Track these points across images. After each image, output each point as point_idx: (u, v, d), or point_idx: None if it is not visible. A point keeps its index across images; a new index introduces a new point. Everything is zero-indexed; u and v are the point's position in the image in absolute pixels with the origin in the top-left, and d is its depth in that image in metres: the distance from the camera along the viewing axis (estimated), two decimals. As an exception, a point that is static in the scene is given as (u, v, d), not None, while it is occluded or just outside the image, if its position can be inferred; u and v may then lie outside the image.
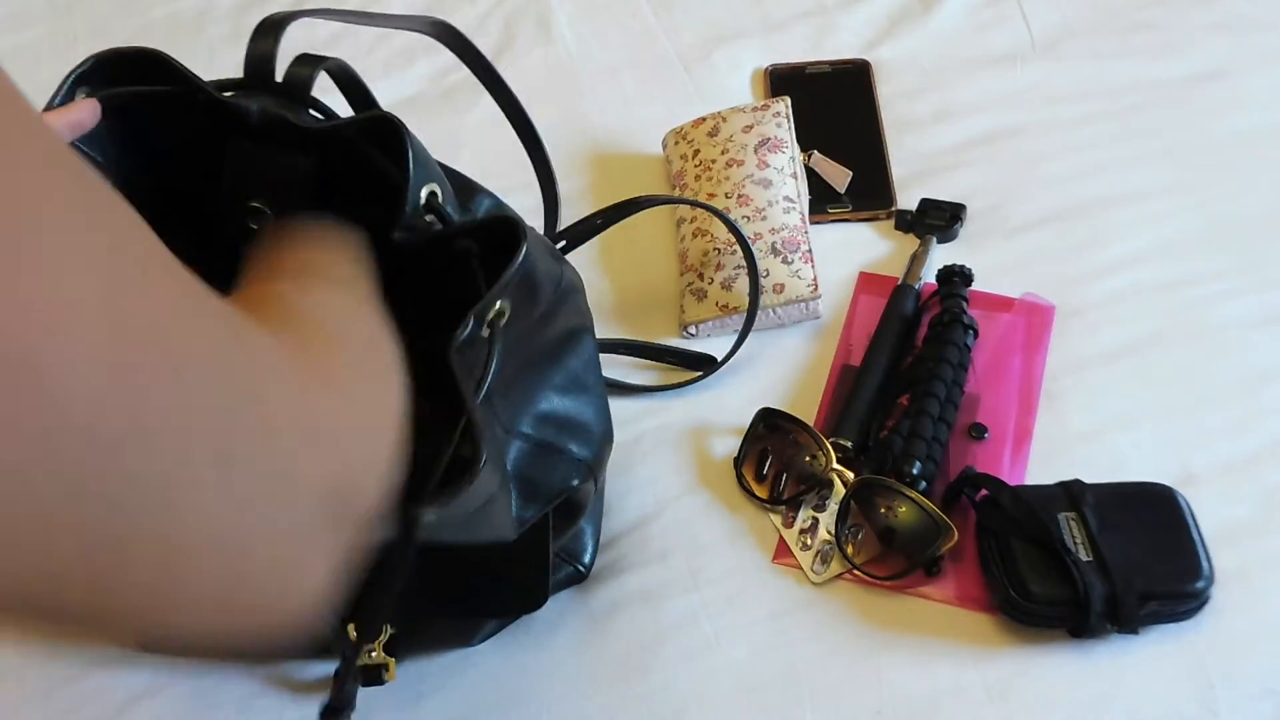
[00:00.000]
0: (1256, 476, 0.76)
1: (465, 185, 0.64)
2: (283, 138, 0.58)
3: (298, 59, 0.60)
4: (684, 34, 1.07)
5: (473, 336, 0.54)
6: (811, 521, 0.76)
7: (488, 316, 0.54)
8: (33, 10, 1.13)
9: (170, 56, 0.58)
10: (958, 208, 0.91)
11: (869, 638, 0.71)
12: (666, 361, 0.84)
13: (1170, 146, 0.95)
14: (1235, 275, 0.87)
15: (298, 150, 0.59)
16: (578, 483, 0.66)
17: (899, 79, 1.02)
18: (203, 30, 1.09)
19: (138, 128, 0.58)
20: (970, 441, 0.79)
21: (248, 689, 0.71)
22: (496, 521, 0.62)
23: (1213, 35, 1.03)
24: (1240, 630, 0.70)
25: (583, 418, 0.67)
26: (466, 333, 0.53)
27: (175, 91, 0.58)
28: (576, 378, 0.67)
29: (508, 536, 0.64)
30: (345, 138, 0.58)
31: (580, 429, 0.67)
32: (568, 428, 0.66)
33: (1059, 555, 0.69)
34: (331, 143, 0.58)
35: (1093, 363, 0.83)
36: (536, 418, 0.64)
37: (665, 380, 0.84)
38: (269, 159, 0.59)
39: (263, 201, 0.59)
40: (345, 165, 0.58)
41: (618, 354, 0.84)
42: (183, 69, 0.58)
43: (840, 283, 0.89)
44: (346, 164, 0.58)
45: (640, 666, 0.71)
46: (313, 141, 0.58)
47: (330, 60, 0.61)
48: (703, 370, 0.83)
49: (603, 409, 0.69)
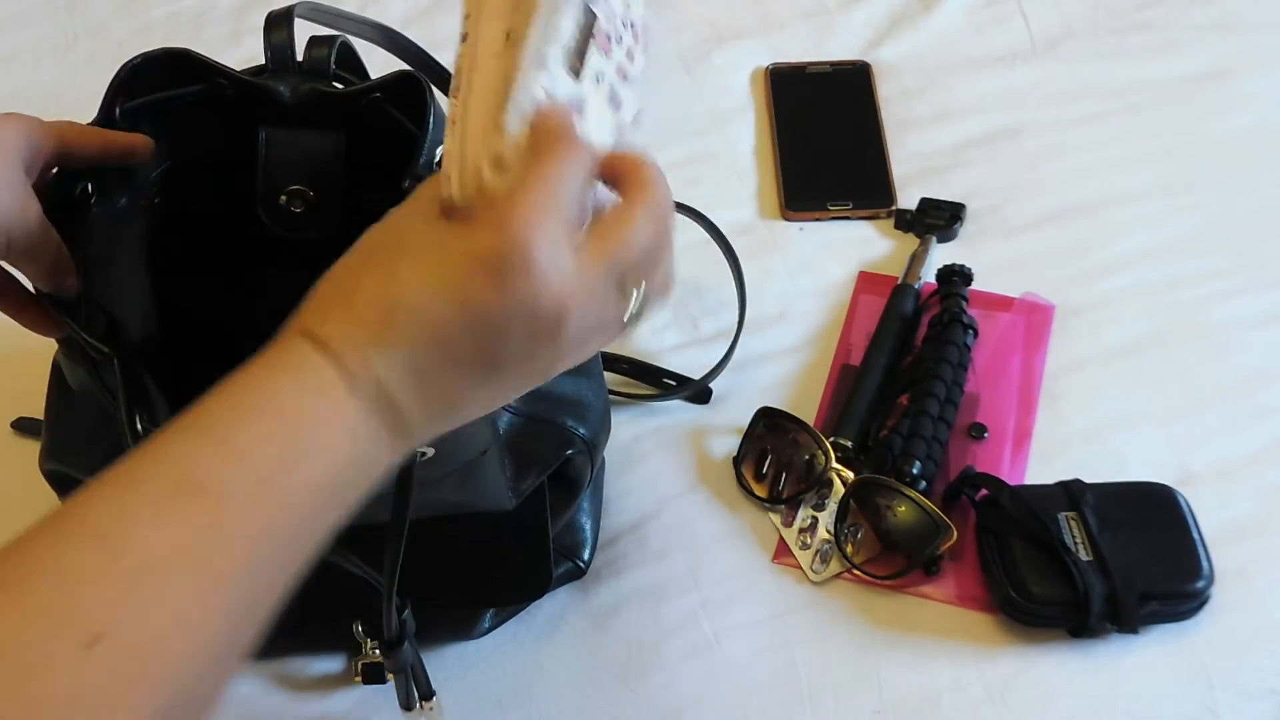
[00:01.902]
0: (1256, 476, 0.76)
1: None
2: (314, 118, 0.60)
3: (312, 40, 0.61)
4: (684, 34, 1.07)
5: None
6: (811, 521, 0.76)
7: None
8: (33, 10, 1.13)
9: (198, 53, 0.59)
10: (958, 207, 0.91)
11: (869, 637, 0.71)
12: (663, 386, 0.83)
13: (1170, 146, 0.95)
14: (1235, 275, 0.87)
15: (329, 127, 0.61)
16: (572, 451, 0.67)
17: (899, 79, 1.02)
18: (202, 30, 1.09)
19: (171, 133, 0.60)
20: (970, 441, 0.79)
21: (248, 689, 0.71)
22: (491, 483, 0.63)
23: (1213, 35, 1.03)
24: (1240, 630, 0.70)
25: (580, 396, 0.68)
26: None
27: (204, 91, 0.60)
28: None
29: (505, 505, 0.65)
30: (373, 102, 0.60)
31: (577, 406, 0.67)
32: (564, 404, 0.67)
33: (1059, 555, 0.69)
34: (361, 111, 0.60)
35: (1093, 363, 0.83)
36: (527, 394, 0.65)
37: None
38: (303, 142, 0.61)
39: (302, 184, 0.61)
40: (372, 137, 0.60)
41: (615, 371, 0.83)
42: (212, 62, 0.60)
43: (840, 282, 0.89)
44: (373, 135, 0.60)
45: (640, 666, 0.71)
46: (343, 112, 0.60)
47: (340, 38, 0.62)
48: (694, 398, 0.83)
49: (600, 392, 0.70)
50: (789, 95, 1.01)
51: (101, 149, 0.57)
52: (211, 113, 0.60)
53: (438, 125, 0.57)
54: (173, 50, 0.59)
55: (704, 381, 0.82)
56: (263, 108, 0.60)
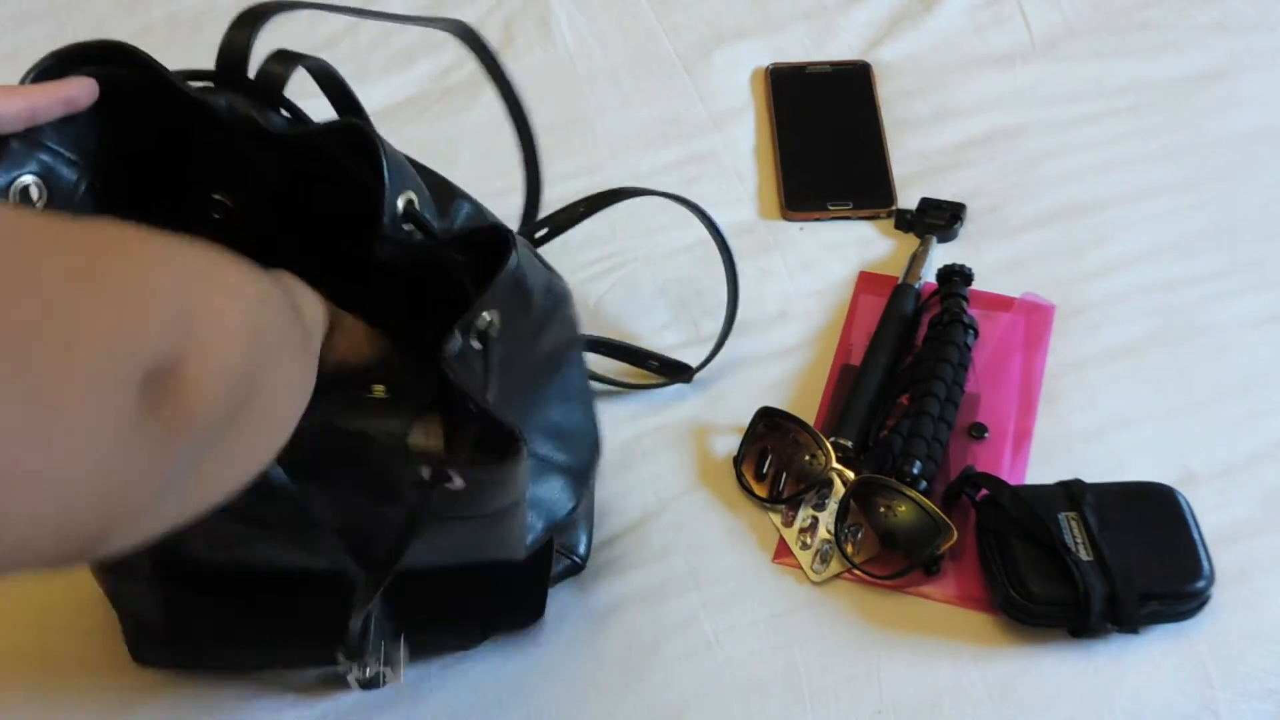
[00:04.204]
0: (1256, 476, 0.76)
1: (443, 187, 0.63)
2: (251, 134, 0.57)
3: (273, 55, 0.58)
4: (684, 34, 1.07)
5: (464, 349, 0.52)
6: (811, 521, 0.76)
7: (475, 327, 0.53)
8: (33, 10, 1.13)
9: (136, 48, 0.55)
10: (958, 207, 0.91)
11: (869, 637, 0.71)
12: (646, 367, 0.84)
13: (1170, 146, 0.95)
14: (1235, 275, 0.87)
15: (266, 147, 0.57)
16: (573, 506, 0.65)
17: (899, 79, 1.02)
18: (202, 30, 1.09)
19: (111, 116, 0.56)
20: (970, 441, 0.79)
21: (247, 689, 0.71)
22: (510, 534, 0.60)
23: (1213, 35, 1.03)
24: (1240, 630, 0.70)
25: (576, 428, 0.67)
26: (458, 346, 0.52)
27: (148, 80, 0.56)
28: (572, 387, 0.67)
29: (518, 555, 0.63)
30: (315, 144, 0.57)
31: (573, 438, 0.66)
32: (564, 439, 0.65)
33: (1059, 555, 0.69)
34: (300, 146, 0.57)
35: (1093, 363, 0.83)
36: (539, 431, 0.64)
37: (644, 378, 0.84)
38: (236, 153, 0.57)
39: (226, 195, 0.58)
40: (315, 167, 0.57)
41: (597, 352, 0.83)
42: (151, 60, 0.56)
43: (840, 282, 0.89)
44: (316, 166, 0.57)
45: (640, 666, 0.71)
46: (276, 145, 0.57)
47: (310, 60, 0.58)
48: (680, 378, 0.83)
49: (592, 416, 0.69)
50: (789, 95, 1.01)
51: (28, 111, 0.52)
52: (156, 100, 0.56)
53: (394, 176, 0.54)
54: (111, 43, 0.55)
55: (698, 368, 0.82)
56: (199, 117, 0.57)
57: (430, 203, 0.59)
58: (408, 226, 0.56)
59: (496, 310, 0.54)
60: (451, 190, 0.63)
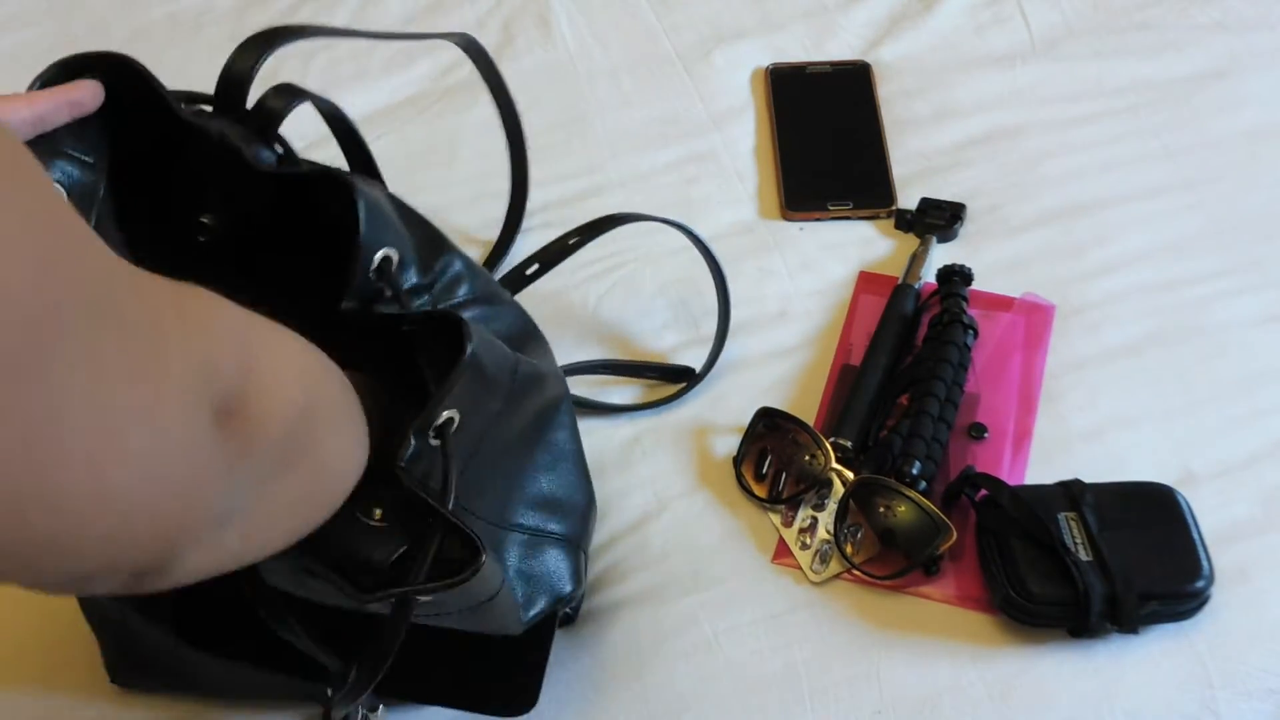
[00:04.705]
0: (1256, 476, 0.76)
1: (435, 240, 0.61)
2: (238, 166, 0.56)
3: (276, 89, 0.57)
4: (684, 34, 1.07)
5: (419, 449, 0.51)
6: (811, 521, 0.76)
7: (433, 425, 0.51)
8: (33, 10, 1.13)
9: (138, 63, 0.55)
10: (958, 207, 0.91)
11: (868, 637, 0.71)
12: (647, 377, 0.84)
13: (1170, 146, 0.95)
14: (1235, 275, 0.87)
15: (252, 180, 0.56)
16: (571, 590, 0.64)
17: (899, 79, 1.02)
18: (202, 30, 1.09)
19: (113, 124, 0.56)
20: (970, 441, 0.79)
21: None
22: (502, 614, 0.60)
23: (1213, 35, 1.03)
24: (1240, 630, 0.70)
25: (569, 494, 0.66)
26: (412, 449, 0.50)
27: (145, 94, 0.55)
28: (561, 449, 0.66)
29: (514, 631, 0.62)
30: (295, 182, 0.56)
31: (566, 504, 0.65)
32: (557, 507, 0.64)
33: (1059, 555, 0.69)
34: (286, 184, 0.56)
35: (1093, 362, 0.83)
36: (528, 503, 0.63)
37: (647, 395, 0.84)
38: (224, 181, 0.57)
39: (212, 218, 0.57)
40: (301, 206, 0.57)
41: (597, 374, 0.84)
42: (150, 76, 0.55)
43: (840, 282, 0.89)
44: (302, 205, 0.57)
45: (640, 667, 0.71)
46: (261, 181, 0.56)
47: (321, 101, 0.58)
48: (685, 382, 0.83)
49: (585, 475, 0.68)
50: (789, 95, 1.01)
51: (35, 117, 0.52)
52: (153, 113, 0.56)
53: (373, 230, 0.54)
54: (113, 55, 0.54)
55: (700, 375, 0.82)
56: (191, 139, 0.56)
57: (415, 260, 0.58)
58: (380, 284, 0.55)
59: (455, 408, 0.52)
60: (443, 245, 0.62)
